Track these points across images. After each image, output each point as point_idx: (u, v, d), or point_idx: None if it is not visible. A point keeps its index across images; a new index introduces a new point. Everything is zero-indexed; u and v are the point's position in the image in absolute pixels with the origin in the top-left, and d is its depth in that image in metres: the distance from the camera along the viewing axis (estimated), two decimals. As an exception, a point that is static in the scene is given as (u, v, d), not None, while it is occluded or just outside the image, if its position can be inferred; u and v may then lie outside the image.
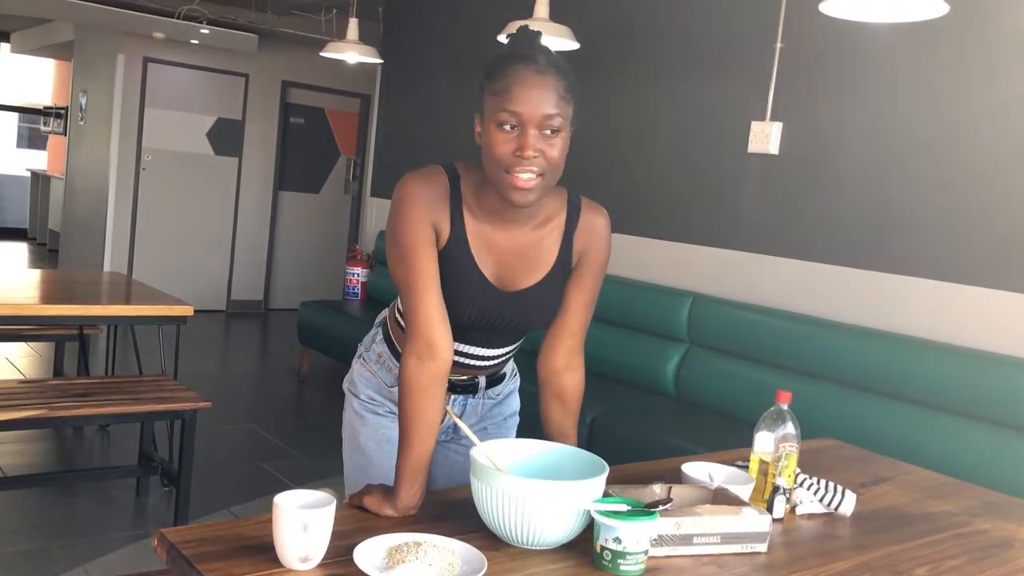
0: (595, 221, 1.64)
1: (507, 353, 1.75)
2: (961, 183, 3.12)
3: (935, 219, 3.19)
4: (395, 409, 1.75)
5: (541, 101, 1.43)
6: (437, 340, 1.49)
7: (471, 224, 1.55)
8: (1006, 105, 3.02)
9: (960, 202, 3.12)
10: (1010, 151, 3.00)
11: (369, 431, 1.77)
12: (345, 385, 1.85)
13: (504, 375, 1.84)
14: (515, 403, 1.89)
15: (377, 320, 1.85)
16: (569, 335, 1.68)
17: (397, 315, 1.72)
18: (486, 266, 1.57)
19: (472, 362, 1.70)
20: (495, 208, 1.54)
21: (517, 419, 1.90)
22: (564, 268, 1.63)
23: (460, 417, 1.78)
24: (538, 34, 1.54)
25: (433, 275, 1.51)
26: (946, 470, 2.18)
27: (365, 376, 1.79)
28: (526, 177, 1.44)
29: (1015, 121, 2.99)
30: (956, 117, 3.14)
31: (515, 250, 1.59)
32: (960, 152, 3.13)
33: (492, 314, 1.60)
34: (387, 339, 1.77)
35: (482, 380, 1.78)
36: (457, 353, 1.66)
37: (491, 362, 1.73)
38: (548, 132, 1.44)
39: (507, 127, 1.44)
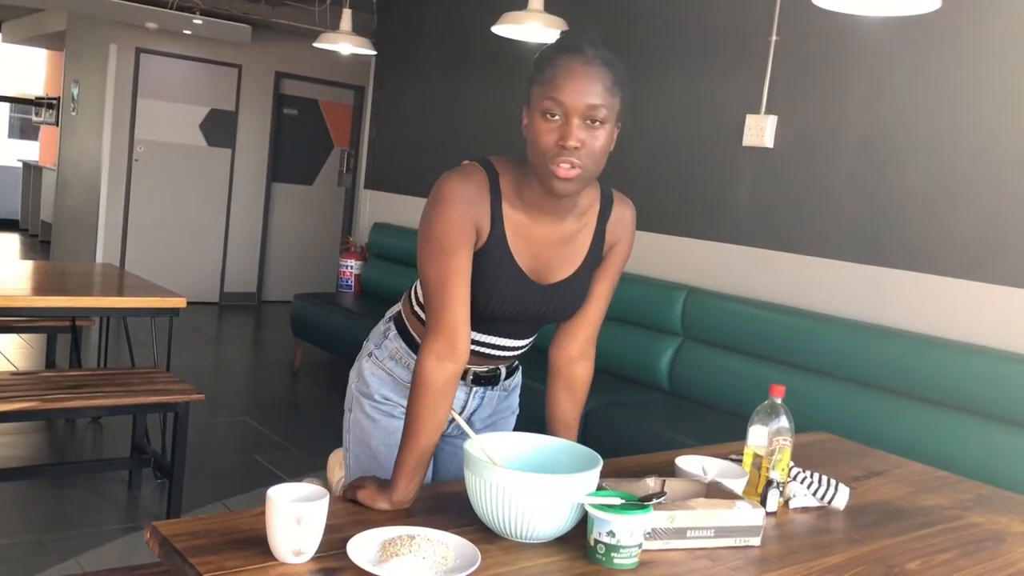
0: (625, 214, 1.65)
1: (529, 343, 1.76)
2: (955, 177, 3.13)
3: (929, 213, 3.19)
4: None
5: (585, 91, 1.42)
6: (459, 343, 1.49)
7: (510, 219, 1.55)
8: (1001, 99, 3.02)
9: (954, 196, 3.12)
10: (1004, 145, 3.00)
11: (381, 434, 1.74)
12: (354, 386, 1.79)
13: (518, 366, 1.84)
14: (517, 397, 1.90)
15: (388, 315, 1.81)
16: (588, 324, 1.70)
17: (417, 308, 1.70)
18: (523, 260, 1.57)
19: (498, 353, 1.70)
20: (536, 201, 1.54)
21: (517, 412, 1.91)
22: (595, 260, 1.64)
23: (477, 410, 1.79)
24: (595, 30, 1.53)
25: (465, 277, 1.50)
26: (939, 464, 2.19)
27: (378, 375, 1.75)
28: (567, 167, 1.44)
29: (1011, 115, 2.99)
30: (951, 111, 3.15)
31: (553, 243, 1.59)
32: (954, 146, 3.13)
33: (526, 307, 1.60)
34: (403, 335, 1.74)
35: (503, 370, 1.78)
36: (485, 344, 1.67)
37: (515, 352, 1.74)
38: (591, 123, 1.44)
39: (551, 116, 1.44)
